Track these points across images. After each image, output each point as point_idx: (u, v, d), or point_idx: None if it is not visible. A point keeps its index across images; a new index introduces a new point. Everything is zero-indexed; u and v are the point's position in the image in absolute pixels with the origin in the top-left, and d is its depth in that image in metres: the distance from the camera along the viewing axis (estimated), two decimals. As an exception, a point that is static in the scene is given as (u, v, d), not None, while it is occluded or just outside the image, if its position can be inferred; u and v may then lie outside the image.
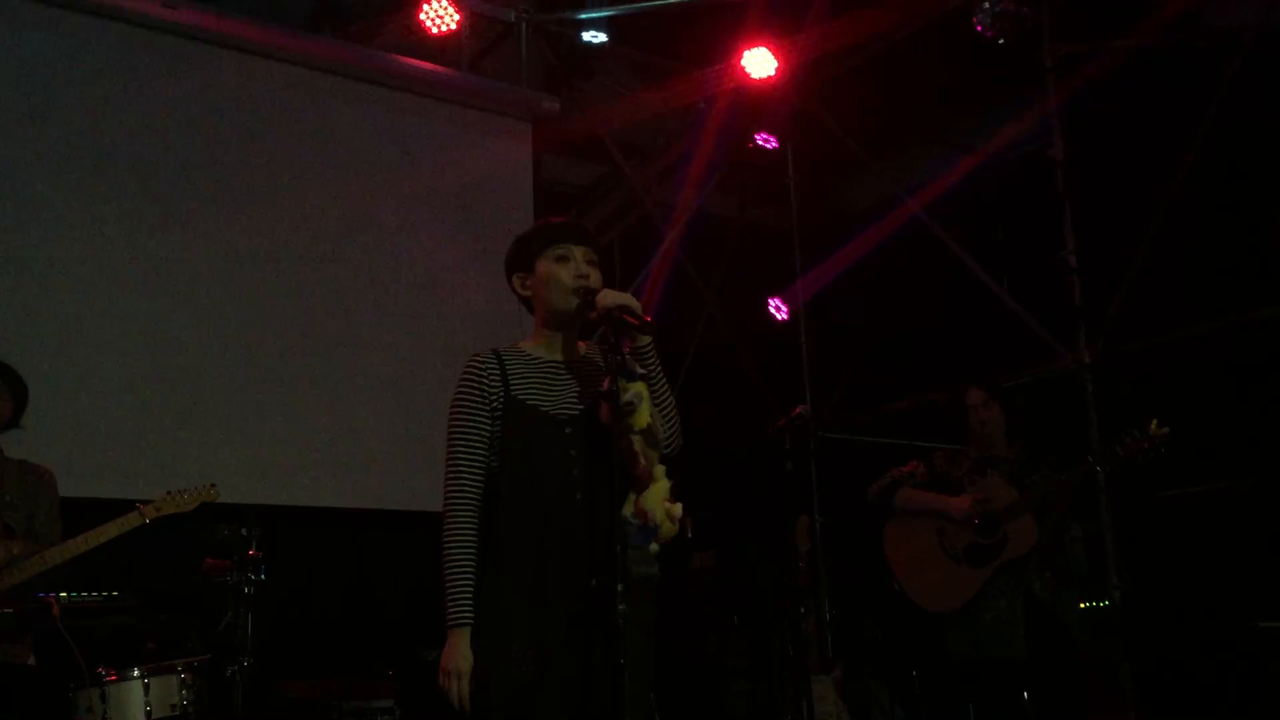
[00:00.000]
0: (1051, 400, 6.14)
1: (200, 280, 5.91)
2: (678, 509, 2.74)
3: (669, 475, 2.76)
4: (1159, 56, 6.03)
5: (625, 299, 2.71)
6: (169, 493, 4.25)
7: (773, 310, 7.77)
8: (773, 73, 6.87)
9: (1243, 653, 5.01)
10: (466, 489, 2.75)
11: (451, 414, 2.82)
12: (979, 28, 6.22)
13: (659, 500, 2.71)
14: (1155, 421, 4.02)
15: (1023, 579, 4.16)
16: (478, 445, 2.78)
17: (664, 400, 2.81)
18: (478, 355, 2.86)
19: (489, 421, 2.79)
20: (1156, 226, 5.74)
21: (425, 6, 6.58)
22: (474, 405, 2.80)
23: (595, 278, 2.83)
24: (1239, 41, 5.58)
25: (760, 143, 7.53)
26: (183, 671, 4.27)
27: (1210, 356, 5.91)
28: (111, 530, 4.04)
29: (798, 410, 5.11)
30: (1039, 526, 4.15)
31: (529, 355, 2.88)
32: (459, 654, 2.67)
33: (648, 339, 2.74)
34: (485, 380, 2.81)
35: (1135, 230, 5.84)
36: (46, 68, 5.67)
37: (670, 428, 2.82)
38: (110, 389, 5.56)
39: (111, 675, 4.14)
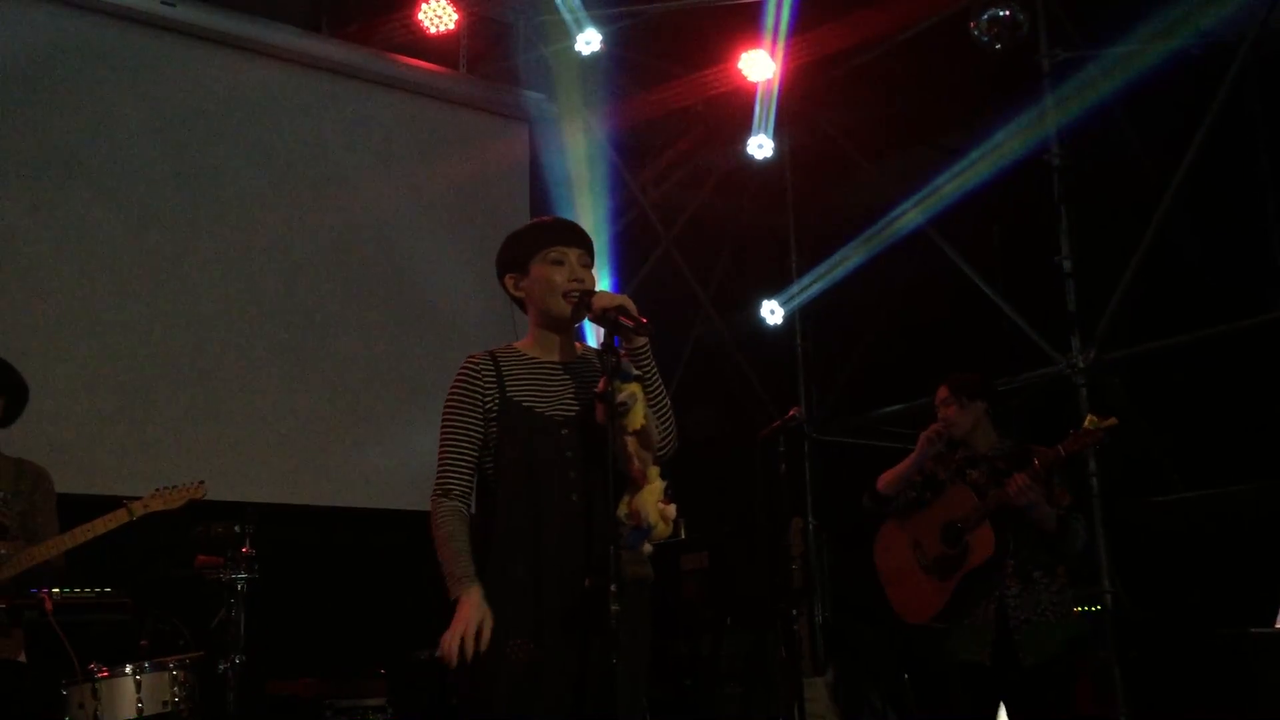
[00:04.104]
0: (1046, 404, 6.15)
1: (192, 278, 5.90)
2: (671, 510, 2.74)
3: (664, 476, 2.76)
4: (1155, 62, 6.04)
5: (621, 300, 2.71)
6: (157, 489, 4.24)
7: (768, 313, 7.78)
8: (770, 76, 6.88)
9: (1234, 658, 5.02)
10: (451, 489, 2.75)
11: (444, 414, 2.81)
12: (976, 34, 6.24)
13: (652, 501, 2.70)
14: (1091, 416, 4.03)
15: (995, 585, 4.14)
16: (465, 446, 2.77)
17: (659, 402, 2.80)
18: (473, 357, 2.85)
19: (481, 423, 2.78)
20: (1152, 232, 5.76)
21: (423, 6, 6.58)
22: (466, 406, 2.79)
23: (590, 280, 2.83)
24: (1235, 48, 5.59)
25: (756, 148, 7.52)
26: (175, 668, 4.26)
27: (1204, 363, 5.92)
28: (98, 527, 4.02)
29: (792, 413, 5.09)
30: (997, 534, 4.12)
31: (525, 356, 2.87)
32: (474, 605, 2.60)
33: (643, 340, 2.74)
34: (480, 381, 2.80)
35: (1130, 236, 5.85)
36: (45, 64, 5.67)
37: (665, 429, 2.81)
38: (103, 386, 5.56)
39: (103, 672, 4.14)
